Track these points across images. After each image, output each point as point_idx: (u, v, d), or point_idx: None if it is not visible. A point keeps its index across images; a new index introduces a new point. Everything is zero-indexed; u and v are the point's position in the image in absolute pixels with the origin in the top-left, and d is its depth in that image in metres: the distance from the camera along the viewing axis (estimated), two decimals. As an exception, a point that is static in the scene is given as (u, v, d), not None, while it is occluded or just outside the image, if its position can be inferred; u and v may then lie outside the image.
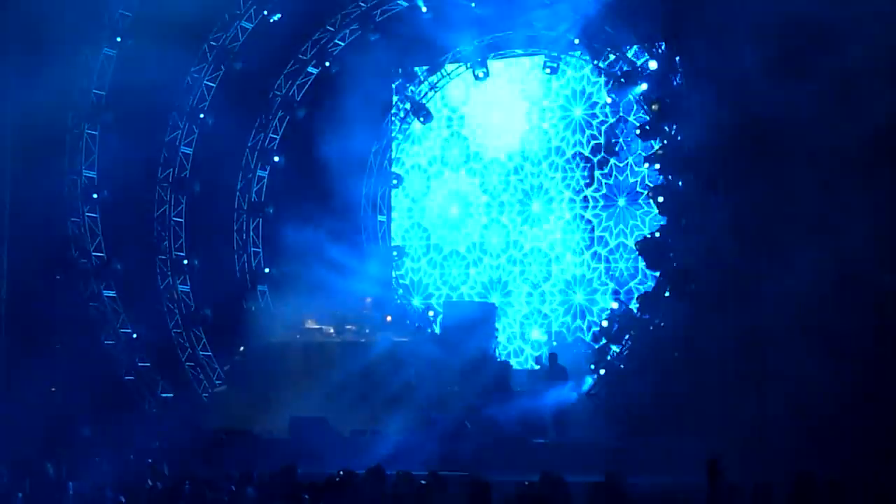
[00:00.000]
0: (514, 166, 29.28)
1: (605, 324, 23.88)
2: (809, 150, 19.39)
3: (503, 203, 29.37)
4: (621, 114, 27.78)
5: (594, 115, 28.36)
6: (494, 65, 28.92)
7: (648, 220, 27.19)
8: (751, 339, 20.41)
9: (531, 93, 29.14)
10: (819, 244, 18.83)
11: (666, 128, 23.55)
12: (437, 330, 27.16)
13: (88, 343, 26.78)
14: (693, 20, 21.33)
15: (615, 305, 24.75)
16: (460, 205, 29.97)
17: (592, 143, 28.29)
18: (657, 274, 23.51)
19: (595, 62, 26.10)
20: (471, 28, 27.64)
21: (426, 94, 30.18)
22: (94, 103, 27.06)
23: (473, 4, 26.42)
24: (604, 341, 24.01)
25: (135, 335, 27.41)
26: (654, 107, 23.52)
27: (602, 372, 23.53)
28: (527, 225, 28.96)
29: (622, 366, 23.46)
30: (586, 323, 28.01)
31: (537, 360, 25.95)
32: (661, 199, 23.20)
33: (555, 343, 27.03)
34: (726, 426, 19.79)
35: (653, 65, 23.78)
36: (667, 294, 22.68)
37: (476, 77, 28.87)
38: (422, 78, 30.08)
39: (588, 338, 27.11)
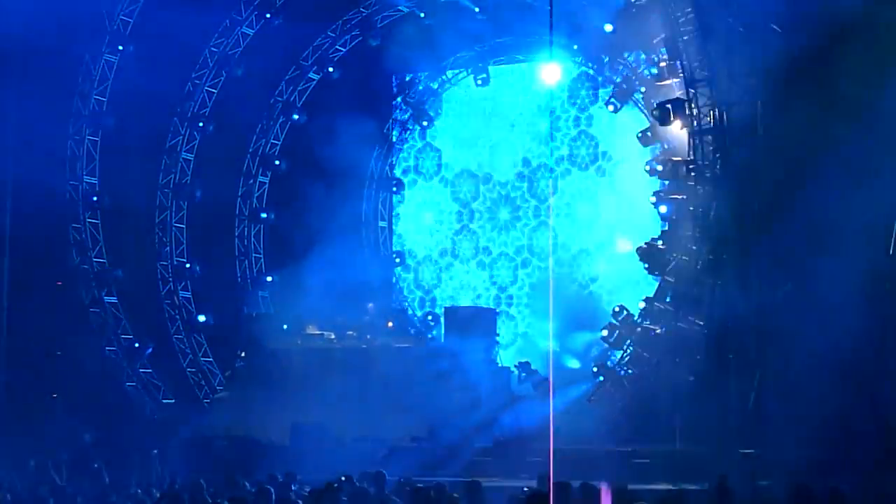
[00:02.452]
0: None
1: (605, 333, 23.81)
2: (816, 154, 19.38)
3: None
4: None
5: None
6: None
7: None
8: (755, 343, 20.41)
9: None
10: (827, 250, 18.81)
11: (667, 133, 23.59)
12: (439, 335, 27.14)
13: (90, 349, 26.78)
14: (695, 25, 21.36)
15: (616, 309, 24.69)
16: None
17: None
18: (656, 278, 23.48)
19: (594, 67, 26.24)
20: (472, 34, 27.67)
21: (428, 99, 30.22)
22: (95, 109, 27.08)
23: (477, 9, 26.41)
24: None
25: (137, 344, 27.38)
26: (654, 112, 23.51)
27: (601, 378, 23.52)
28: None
29: (622, 372, 23.45)
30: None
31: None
32: (663, 206, 23.20)
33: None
34: (727, 433, 19.78)
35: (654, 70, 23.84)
36: (668, 300, 22.67)
37: (476, 83, 28.94)
38: (423, 83, 30.09)
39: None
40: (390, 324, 26.50)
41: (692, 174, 21.71)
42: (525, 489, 11.79)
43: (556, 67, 27.01)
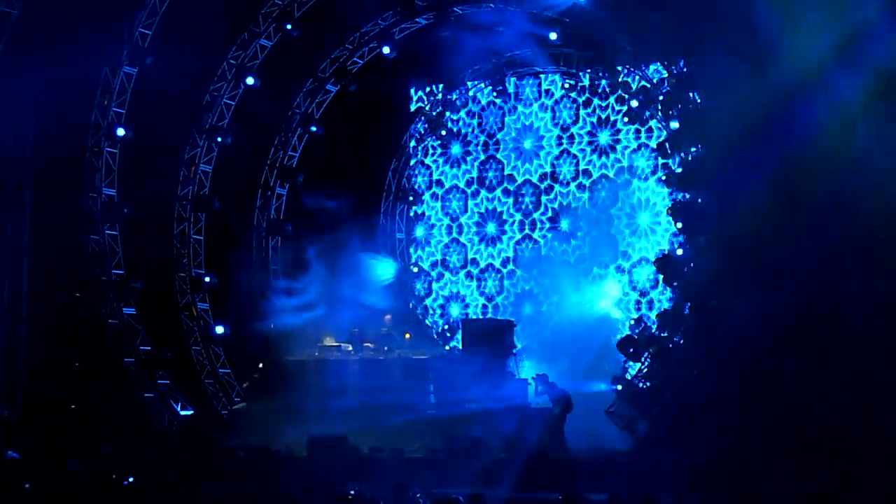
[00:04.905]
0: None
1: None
2: (832, 171, 19.31)
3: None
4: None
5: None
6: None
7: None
8: (769, 354, 20.33)
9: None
10: (837, 260, 18.73)
11: (685, 144, 23.52)
12: (456, 347, 27.14)
13: (108, 360, 26.83)
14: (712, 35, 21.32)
15: (633, 322, 24.66)
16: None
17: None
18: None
19: (611, 79, 26.30)
20: (489, 47, 27.73)
21: (446, 111, 30.27)
22: (113, 121, 27.16)
23: (501, 29, 26.46)
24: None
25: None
26: (672, 124, 23.48)
27: (619, 388, 23.44)
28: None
29: (641, 384, 23.38)
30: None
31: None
32: (679, 221, 23.14)
33: None
34: (743, 443, 19.70)
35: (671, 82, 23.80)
36: (685, 311, 22.59)
37: (494, 95, 29.01)
38: (440, 96, 30.15)
39: None
40: (408, 335, 26.50)
41: (709, 182, 21.68)
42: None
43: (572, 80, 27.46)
